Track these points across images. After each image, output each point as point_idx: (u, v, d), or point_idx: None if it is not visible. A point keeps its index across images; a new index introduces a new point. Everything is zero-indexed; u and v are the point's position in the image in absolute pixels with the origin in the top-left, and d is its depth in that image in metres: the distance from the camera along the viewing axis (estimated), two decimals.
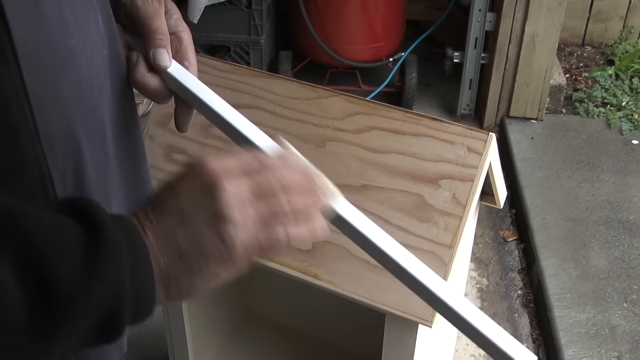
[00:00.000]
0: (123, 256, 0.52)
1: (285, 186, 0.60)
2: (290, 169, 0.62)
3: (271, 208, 0.59)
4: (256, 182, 0.59)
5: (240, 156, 0.61)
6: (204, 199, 0.57)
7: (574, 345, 1.80)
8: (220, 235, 0.56)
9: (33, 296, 0.48)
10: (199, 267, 0.57)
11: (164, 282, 0.57)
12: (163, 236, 0.56)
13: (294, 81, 1.23)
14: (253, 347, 1.60)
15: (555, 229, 2.13)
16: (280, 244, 0.59)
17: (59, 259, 0.49)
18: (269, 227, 0.59)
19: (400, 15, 2.61)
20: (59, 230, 0.51)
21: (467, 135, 1.10)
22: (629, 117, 2.55)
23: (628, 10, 2.86)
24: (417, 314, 1.03)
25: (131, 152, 0.76)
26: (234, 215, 0.57)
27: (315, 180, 0.63)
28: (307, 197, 0.61)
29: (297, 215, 0.60)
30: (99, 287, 0.51)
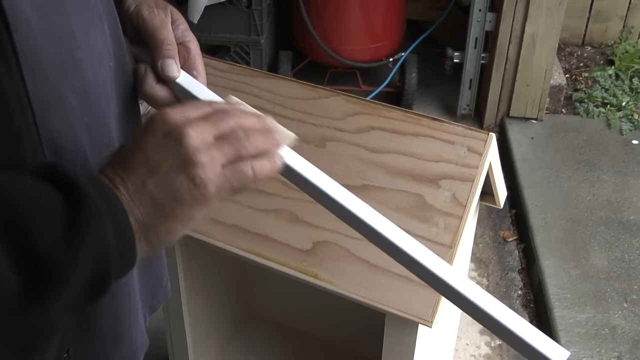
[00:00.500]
0: (102, 214, 0.54)
1: (244, 128, 0.63)
2: (245, 113, 0.65)
3: (234, 148, 0.61)
4: (217, 126, 0.61)
5: (197, 105, 0.63)
6: (170, 147, 0.59)
7: (574, 345, 1.80)
8: (190, 178, 0.58)
9: (21, 265, 0.49)
10: (173, 211, 0.59)
11: (142, 231, 0.58)
12: (134, 188, 0.58)
13: (294, 81, 1.23)
14: (253, 347, 1.60)
15: (555, 229, 2.13)
16: (247, 180, 0.62)
17: (43, 225, 0.51)
18: (235, 165, 0.61)
19: (400, 15, 2.61)
20: (38, 196, 0.52)
21: (467, 135, 1.10)
22: (629, 117, 2.55)
23: (628, 10, 2.86)
24: (417, 314, 1.03)
25: None
26: (201, 157, 0.59)
27: (269, 122, 0.66)
28: (265, 136, 0.64)
29: (259, 153, 0.63)
30: (85, 247, 0.52)
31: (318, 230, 1.10)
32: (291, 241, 1.10)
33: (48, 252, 0.51)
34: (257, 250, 1.10)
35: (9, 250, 0.49)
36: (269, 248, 1.10)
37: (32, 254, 0.50)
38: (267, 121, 0.66)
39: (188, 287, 1.34)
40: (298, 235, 1.10)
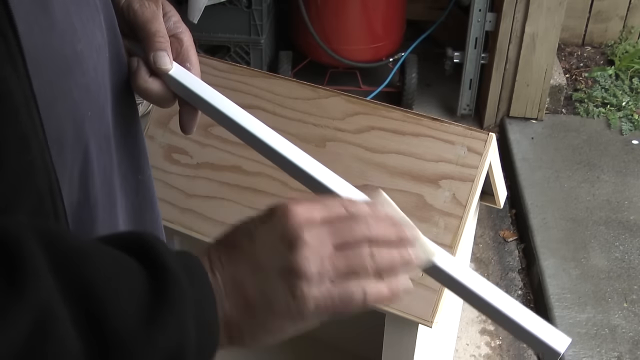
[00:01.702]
0: (187, 304, 0.50)
1: (371, 238, 0.56)
2: (380, 219, 0.57)
3: (351, 262, 0.55)
4: (339, 233, 0.55)
5: (326, 202, 0.57)
6: (281, 249, 0.54)
7: (574, 345, 1.80)
8: (292, 290, 0.53)
9: (92, 344, 0.46)
10: (264, 319, 0.54)
11: (226, 328, 0.54)
12: (232, 282, 0.54)
13: (294, 81, 1.23)
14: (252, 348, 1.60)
15: (555, 229, 2.13)
16: (355, 303, 0.55)
17: (120, 307, 0.47)
18: (346, 284, 0.55)
19: (400, 15, 2.61)
20: (121, 274, 0.49)
21: (467, 135, 1.10)
22: (629, 117, 2.55)
23: (628, 11, 2.86)
24: (417, 314, 1.03)
25: (134, 156, 0.76)
26: (310, 271, 0.53)
27: (407, 232, 0.58)
28: (394, 251, 0.57)
29: (379, 272, 0.56)
30: (161, 337, 0.49)
31: None
32: None
33: (121, 332, 0.47)
34: None
35: (80, 326, 0.46)
36: None
37: (105, 333, 0.47)
38: (404, 229, 0.58)
39: None
40: None
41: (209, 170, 1.21)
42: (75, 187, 0.62)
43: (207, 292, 0.52)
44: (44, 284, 0.45)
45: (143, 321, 0.48)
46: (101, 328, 0.47)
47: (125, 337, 0.47)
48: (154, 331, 0.48)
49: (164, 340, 0.49)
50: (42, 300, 0.45)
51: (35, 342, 0.44)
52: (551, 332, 0.62)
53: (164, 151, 1.24)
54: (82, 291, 0.47)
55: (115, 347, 0.47)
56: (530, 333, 0.62)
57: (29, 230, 0.47)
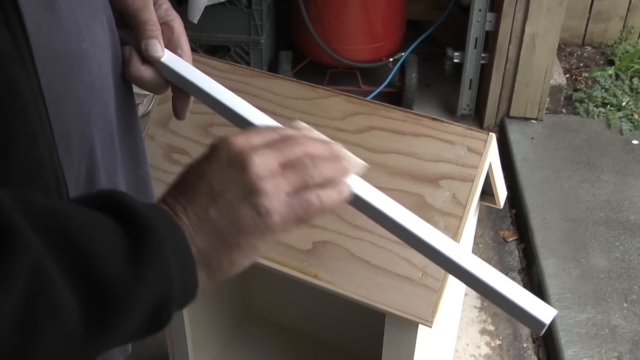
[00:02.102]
0: (164, 241, 0.52)
1: (311, 155, 0.61)
2: (312, 140, 0.63)
3: (300, 176, 0.59)
4: (282, 153, 0.59)
5: (262, 131, 0.62)
6: (234, 174, 0.57)
7: (574, 345, 1.80)
8: (255, 207, 0.57)
9: (83, 294, 0.48)
10: (237, 241, 0.57)
11: (204, 262, 0.56)
12: (196, 217, 0.56)
13: (294, 81, 1.23)
14: (253, 347, 1.60)
15: (555, 229, 2.13)
16: (314, 210, 0.60)
17: (105, 254, 0.50)
18: (301, 194, 0.59)
19: (401, 15, 2.61)
20: (100, 225, 0.51)
21: (467, 135, 1.10)
22: (629, 117, 2.55)
23: (628, 11, 2.86)
24: (417, 314, 1.03)
25: (134, 152, 0.77)
26: (266, 186, 0.57)
27: (337, 150, 0.64)
28: (332, 165, 0.62)
29: (326, 182, 0.61)
30: (148, 273, 0.51)
31: (318, 230, 1.10)
32: (291, 241, 1.10)
33: (110, 278, 0.49)
34: None
35: (70, 278, 0.48)
36: None
37: (94, 281, 0.49)
38: (335, 148, 0.64)
39: None
40: (298, 235, 1.10)
41: None
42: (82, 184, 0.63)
43: (177, 231, 0.55)
44: (31, 242, 0.46)
45: (129, 265, 0.50)
46: (91, 277, 0.49)
47: (114, 283, 0.49)
48: (140, 272, 0.51)
49: (150, 280, 0.51)
50: (33, 257, 0.46)
51: (31, 299, 0.45)
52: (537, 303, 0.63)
53: (164, 151, 1.24)
54: (66, 245, 0.48)
55: (107, 294, 0.49)
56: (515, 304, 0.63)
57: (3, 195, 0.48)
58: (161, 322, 0.55)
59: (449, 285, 1.04)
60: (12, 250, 0.45)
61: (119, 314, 0.50)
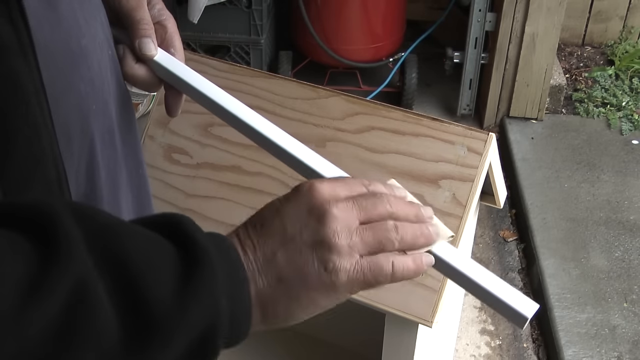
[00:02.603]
0: (219, 277, 0.51)
1: (394, 214, 0.58)
2: (401, 201, 0.60)
3: (378, 236, 0.57)
4: (364, 209, 0.57)
5: (348, 181, 0.60)
6: (310, 223, 0.55)
7: (574, 345, 1.80)
8: (323, 261, 0.55)
9: (127, 317, 0.48)
10: (298, 293, 0.55)
11: (260, 305, 0.55)
12: (263, 257, 0.55)
13: (294, 81, 1.23)
14: (253, 347, 1.60)
15: (555, 229, 2.13)
16: (384, 276, 0.57)
17: (155, 280, 0.49)
18: (375, 258, 0.57)
19: (401, 15, 2.61)
20: (155, 250, 0.50)
21: (467, 135, 1.10)
22: (629, 117, 2.55)
23: (628, 10, 2.86)
24: (417, 314, 1.03)
25: (134, 150, 0.77)
26: (340, 242, 0.55)
27: (424, 212, 0.61)
28: (415, 226, 0.59)
29: (404, 246, 0.58)
30: (194, 309, 0.50)
31: None
32: None
33: (154, 304, 0.48)
34: None
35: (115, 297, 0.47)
36: None
37: (138, 304, 0.48)
38: (425, 213, 0.61)
39: None
40: None
41: (209, 170, 1.21)
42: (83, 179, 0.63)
43: (238, 266, 0.53)
44: (79, 255, 0.46)
45: (176, 293, 0.49)
46: (136, 299, 0.48)
47: (159, 310, 0.48)
48: (188, 302, 0.49)
49: (197, 310, 0.50)
50: (78, 271, 0.46)
51: (72, 312, 0.45)
52: (519, 298, 0.62)
53: (164, 151, 1.24)
54: (116, 264, 0.48)
55: (150, 318, 0.48)
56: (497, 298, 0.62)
57: (62, 205, 0.48)
58: (206, 356, 0.53)
59: (449, 285, 1.04)
60: (56, 261, 0.45)
61: (159, 340, 0.49)
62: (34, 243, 0.46)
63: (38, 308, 0.44)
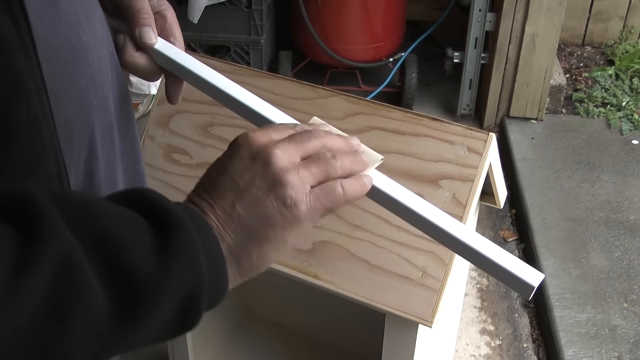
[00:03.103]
0: (193, 237, 0.53)
1: (330, 148, 0.62)
2: (331, 134, 0.64)
3: (323, 167, 0.61)
4: (303, 147, 0.61)
5: (280, 127, 0.63)
6: (257, 169, 0.58)
7: (574, 345, 1.80)
8: (281, 199, 0.58)
9: (112, 285, 0.49)
10: (266, 235, 0.58)
11: (234, 258, 0.57)
12: (223, 213, 0.57)
13: (294, 81, 1.23)
14: (253, 346, 1.60)
15: (555, 229, 2.13)
16: (339, 199, 0.61)
17: (135, 249, 0.50)
18: (325, 184, 0.61)
19: (400, 15, 2.61)
20: (129, 221, 0.52)
21: (467, 135, 1.10)
22: (629, 117, 2.55)
23: (628, 10, 2.86)
24: (417, 314, 1.03)
25: (132, 146, 0.78)
26: (291, 178, 0.58)
27: (355, 143, 0.66)
28: (352, 157, 0.64)
29: (345, 172, 0.62)
30: (176, 272, 0.52)
31: (318, 230, 1.10)
32: None
33: (138, 271, 0.50)
34: None
35: (100, 269, 0.49)
36: None
37: (123, 273, 0.50)
38: (353, 142, 0.66)
39: None
40: None
41: None
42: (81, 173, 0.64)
43: (207, 229, 0.56)
44: (61, 233, 0.47)
45: (157, 259, 0.51)
46: (120, 270, 0.49)
47: (143, 276, 0.50)
48: (169, 266, 0.51)
49: (178, 272, 0.52)
50: (62, 247, 0.47)
51: (59, 287, 0.46)
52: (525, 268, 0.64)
53: (164, 151, 1.24)
54: (97, 238, 0.49)
55: (135, 285, 0.50)
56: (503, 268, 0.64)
57: (38, 189, 0.49)
58: (190, 319, 0.55)
59: (449, 285, 1.04)
60: (39, 239, 0.46)
61: (147, 305, 0.50)
62: (16, 226, 0.47)
63: (26, 286, 0.45)
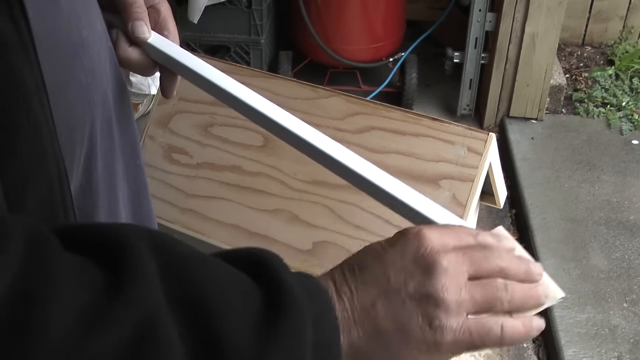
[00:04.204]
0: (305, 325, 0.46)
1: (504, 271, 0.53)
2: (511, 255, 0.55)
3: (488, 295, 0.52)
4: (474, 263, 0.52)
5: (456, 230, 0.55)
6: (417, 273, 0.50)
7: (574, 345, 1.80)
8: (429, 318, 0.49)
9: (196, 353, 0.43)
10: (396, 349, 0.50)
11: (353, 357, 0.50)
12: (361, 306, 0.50)
13: (294, 81, 1.23)
14: None
15: (555, 229, 2.13)
16: (493, 338, 0.51)
17: (233, 322, 0.44)
18: (483, 318, 0.52)
19: (400, 15, 2.61)
20: (236, 289, 0.46)
21: (467, 135, 1.10)
22: (629, 117, 2.55)
23: (628, 11, 2.86)
24: None
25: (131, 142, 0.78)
26: (449, 298, 0.50)
27: (537, 272, 0.56)
28: (525, 288, 0.54)
29: (512, 308, 0.53)
30: (276, 356, 0.45)
31: (318, 230, 1.10)
32: (291, 241, 1.10)
33: (231, 349, 0.44)
34: None
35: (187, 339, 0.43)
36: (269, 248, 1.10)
37: (212, 347, 0.44)
38: (535, 270, 0.56)
39: None
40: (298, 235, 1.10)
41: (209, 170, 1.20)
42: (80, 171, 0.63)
43: (329, 314, 0.49)
44: (151, 289, 0.43)
45: (256, 339, 0.45)
46: (209, 341, 0.44)
47: (234, 356, 0.44)
48: (268, 350, 0.45)
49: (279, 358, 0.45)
50: (148, 304, 0.42)
51: (135, 348, 0.42)
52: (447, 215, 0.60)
53: (164, 151, 1.24)
54: (192, 301, 0.44)
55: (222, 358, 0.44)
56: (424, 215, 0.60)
57: (139, 233, 0.45)
58: None
59: None
60: (126, 292, 0.42)
61: None
62: (106, 272, 0.43)
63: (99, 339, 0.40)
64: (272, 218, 1.11)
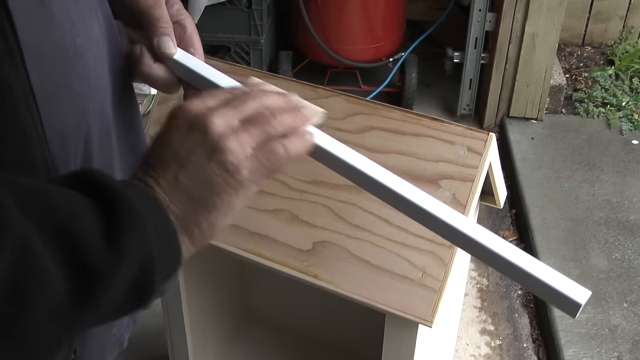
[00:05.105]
0: (139, 212, 0.53)
1: (270, 108, 0.62)
2: (268, 93, 0.64)
3: (262, 128, 0.60)
4: (240, 110, 0.60)
5: (216, 93, 0.62)
6: (196, 138, 0.58)
7: (574, 345, 1.81)
8: (222, 165, 0.58)
9: (68, 269, 0.49)
10: (212, 202, 0.58)
11: (184, 228, 0.58)
12: (168, 185, 0.57)
13: (294, 81, 1.23)
14: (253, 347, 1.60)
15: (555, 229, 2.13)
16: (280, 159, 0.61)
17: (86, 229, 0.51)
18: (266, 146, 0.60)
19: (401, 15, 2.61)
20: (77, 203, 0.52)
21: (467, 135, 1.10)
22: (629, 117, 2.55)
23: (628, 10, 2.87)
24: (417, 314, 1.03)
25: (135, 149, 0.76)
26: (229, 143, 0.58)
27: (295, 100, 0.65)
28: (292, 114, 0.63)
29: (286, 130, 0.62)
30: (127, 248, 0.52)
31: (318, 230, 1.10)
32: (291, 241, 1.10)
33: (91, 250, 0.50)
34: (257, 250, 1.10)
35: (54, 252, 0.49)
36: (269, 248, 1.10)
37: (77, 254, 0.50)
38: (292, 98, 0.65)
39: (188, 287, 1.34)
40: (298, 235, 1.10)
41: None
42: None
43: (153, 202, 0.56)
44: (16, 218, 0.47)
45: (107, 237, 0.51)
46: (73, 251, 0.50)
47: (96, 256, 0.51)
48: (120, 243, 0.52)
49: (129, 247, 0.52)
50: (18, 232, 0.47)
51: (18, 272, 0.47)
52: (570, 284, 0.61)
53: None
54: (49, 221, 0.49)
55: (90, 266, 0.50)
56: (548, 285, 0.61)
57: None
58: (147, 293, 0.55)
59: (449, 285, 1.04)
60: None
61: (102, 286, 0.51)
62: None
63: None
64: (272, 218, 1.11)
